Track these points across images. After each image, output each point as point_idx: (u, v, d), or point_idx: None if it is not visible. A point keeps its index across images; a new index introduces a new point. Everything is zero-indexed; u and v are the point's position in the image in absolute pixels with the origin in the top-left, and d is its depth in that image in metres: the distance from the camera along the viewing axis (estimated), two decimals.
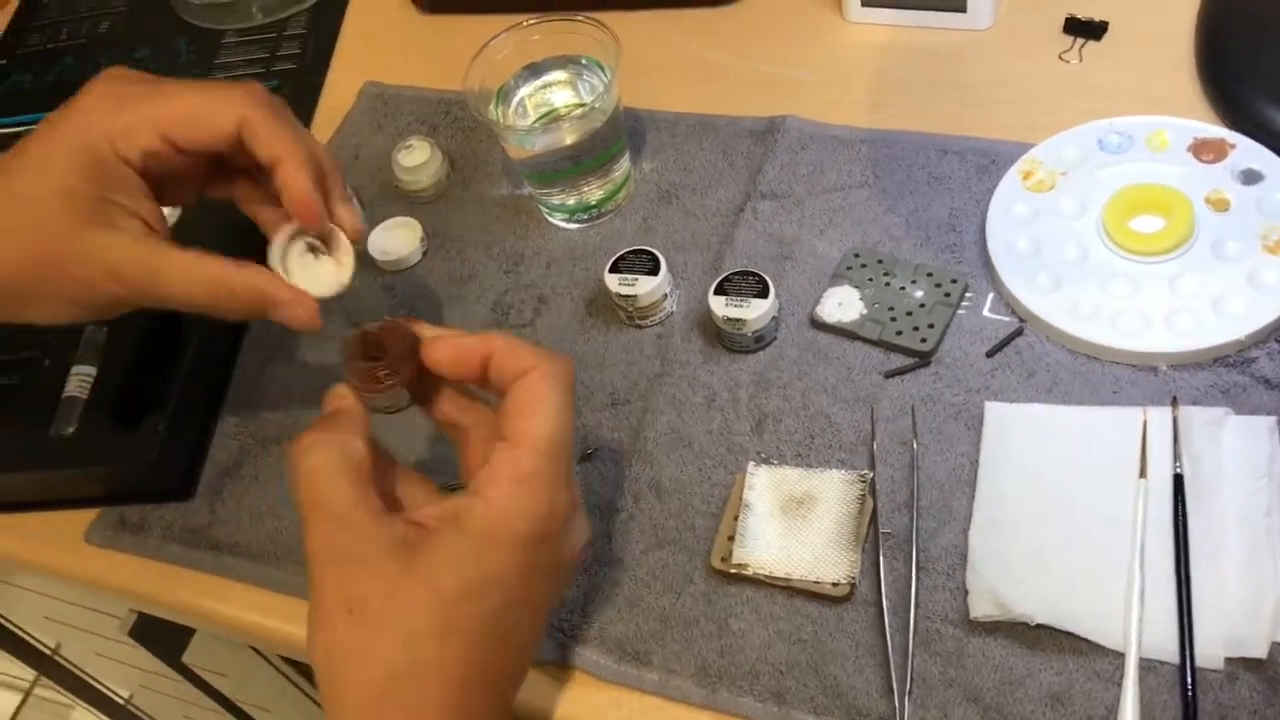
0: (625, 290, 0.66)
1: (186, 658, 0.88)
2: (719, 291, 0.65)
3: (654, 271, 0.67)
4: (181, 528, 0.68)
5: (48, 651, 1.17)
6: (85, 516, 0.70)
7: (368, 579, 0.48)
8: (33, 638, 1.15)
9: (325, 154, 0.60)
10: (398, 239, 0.76)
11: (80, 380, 0.71)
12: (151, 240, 0.57)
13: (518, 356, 0.52)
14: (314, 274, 0.59)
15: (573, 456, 0.53)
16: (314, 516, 0.50)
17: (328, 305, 0.59)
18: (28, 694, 1.37)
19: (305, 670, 0.97)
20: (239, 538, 0.67)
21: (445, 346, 0.54)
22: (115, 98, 0.57)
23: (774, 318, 0.65)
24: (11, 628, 1.12)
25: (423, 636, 0.48)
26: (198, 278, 0.56)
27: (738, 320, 0.64)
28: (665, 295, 0.68)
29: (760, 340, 0.66)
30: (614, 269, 0.67)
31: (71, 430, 0.69)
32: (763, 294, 0.64)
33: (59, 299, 0.56)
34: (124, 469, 0.68)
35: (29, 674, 1.30)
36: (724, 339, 0.66)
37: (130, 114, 0.56)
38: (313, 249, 0.60)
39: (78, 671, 1.21)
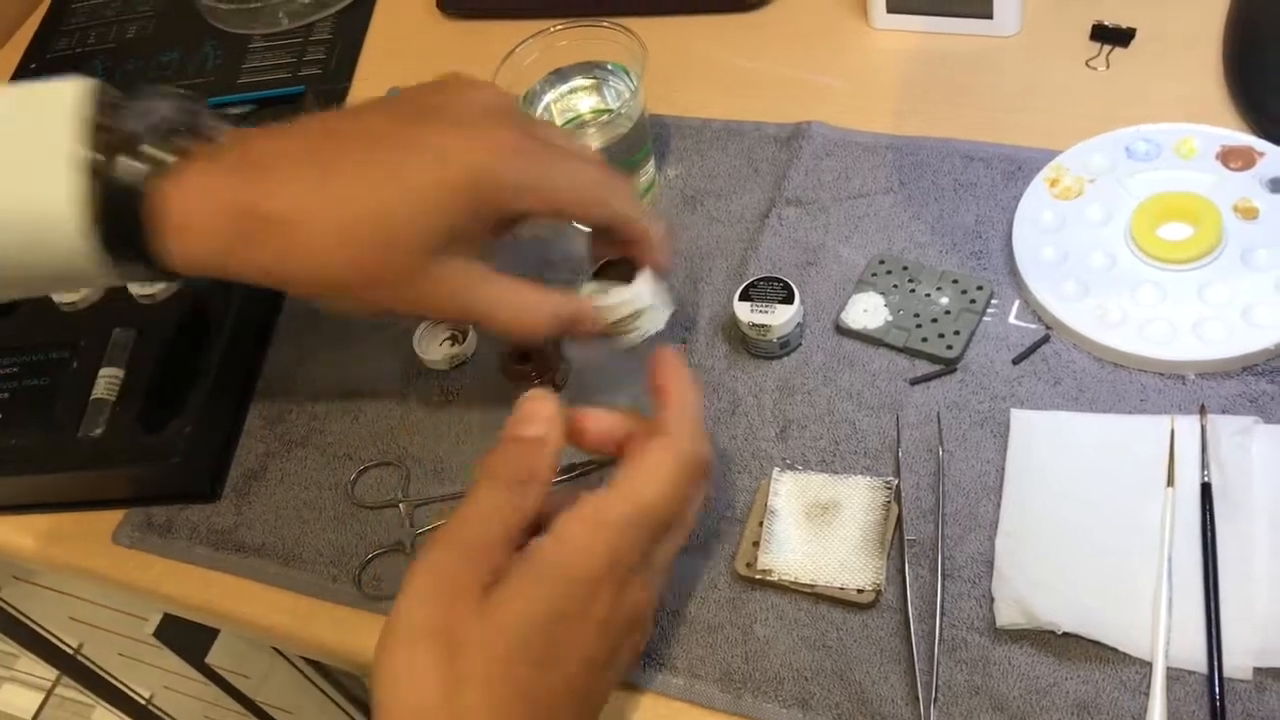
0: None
1: (210, 659, 0.89)
2: (744, 298, 0.65)
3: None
4: (208, 529, 0.69)
5: (70, 651, 1.18)
6: (113, 517, 0.71)
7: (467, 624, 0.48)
8: (56, 637, 1.16)
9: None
10: None
11: (109, 382, 0.72)
12: (487, 268, 0.57)
13: (652, 426, 0.53)
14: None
15: (670, 562, 0.54)
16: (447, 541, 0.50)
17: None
18: (49, 693, 1.38)
19: (326, 671, 0.98)
20: (265, 539, 0.67)
21: (592, 421, 0.55)
22: (518, 153, 0.55)
23: (799, 324, 0.65)
24: (35, 627, 1.13)
25: (473, 679, 0.47)
26: (524, 304, 0.57)
27: (763, 326, 0.64)
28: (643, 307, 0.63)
29: (785, 346, 0.66)
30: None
31: (99, 432, 0.70)
32: (788, 300, 0.64)
33: (382, 304, 0.56)
34: (151, 470, 0.69)
35: (51, 673, 1.31)
36: (749, 345, 0.66)
37: (533, 177, 0.55)
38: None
39: (100, 671, 1.22)
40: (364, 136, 0.54)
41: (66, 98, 0.53)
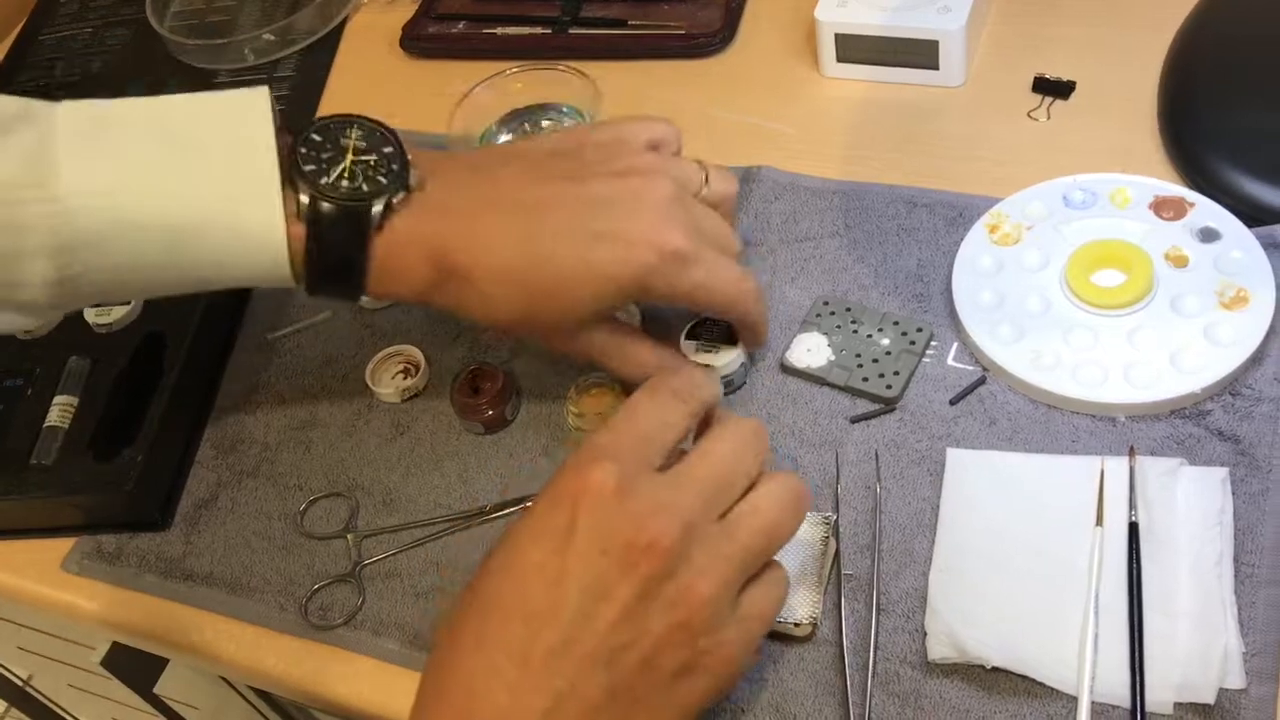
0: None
1: (158, 689, 0.89)
2: (690, 336, 0.67)
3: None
4: (157, 557, 0.69)
5: (19, 682, 1.17)
6: (63, 545, 0.71)
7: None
8: (4, 668, 1.15)
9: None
10: None
11: (62, 410, 0.72)
12: (630, 328, 0.66)
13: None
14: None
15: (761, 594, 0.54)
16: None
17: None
18: None
19: (276, 703, 0.98)
20: (214, 568, 0.68)
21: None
22: (682, 262, 0.59)
23: (743, 364, 0.67)
24: None
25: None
26: (641, 361, 0.64)
27: (708, 366, 0.66)
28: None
29: (729, 385, 0.67)
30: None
31: (51, 459, 0.70)
32: (732, 341, 0.66)
33: (546, 346, 0.66)
34: (102, 498, 0.69)
35: (0, 706, 1.30)
36: None
37: (689, 284, 0.60)
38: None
39: (49, 703, 1.21)
40: (559, 205, 0.60)
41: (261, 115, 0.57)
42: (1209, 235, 0.67)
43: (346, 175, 0.57)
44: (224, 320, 0.78)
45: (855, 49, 0.81)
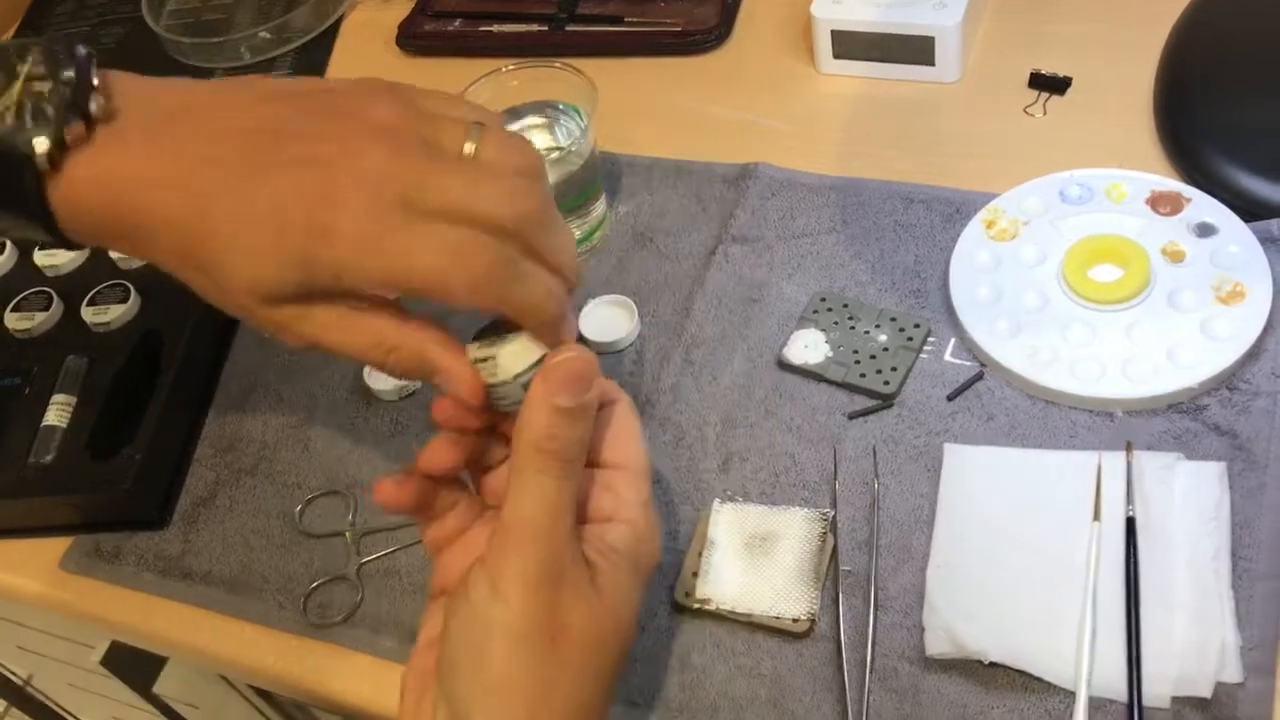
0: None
1: (157, 688, 0.89)
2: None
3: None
4: (155, 556, 0.69)
5: (19, 682, 1.17)
6: (61, 544, 0.71)
7: (574, 609, 0.48)
8: (4, 668, 1.15)
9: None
10: None
11: (60, 409, 0.72)
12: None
13: (602, 384, 0.52)
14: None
15: None
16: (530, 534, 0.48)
17: None
18: None
19: (275, 702, 0.98)
20: (212, 567, 0.68)
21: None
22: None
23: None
24: None
25: (606, 672, 0.49)
26: (360, 329, 0.51)
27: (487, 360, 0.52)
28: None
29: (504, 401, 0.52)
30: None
31: (50, 458, 0.70)
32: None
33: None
34: (100, 497, 0.69)
35: (0, 705, 1.30)
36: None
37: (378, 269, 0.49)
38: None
39: (49, 702, 1.21)
40: (246, 165, 0.49)
41: None
42: (1206, 230, 0.67)
43: (13, 110, 0.48)
44: (222, 318, 0.78)
45: (851, 45, 0.81)
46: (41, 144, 0.48)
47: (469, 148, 0.50)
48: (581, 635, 0.48)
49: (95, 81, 0.50)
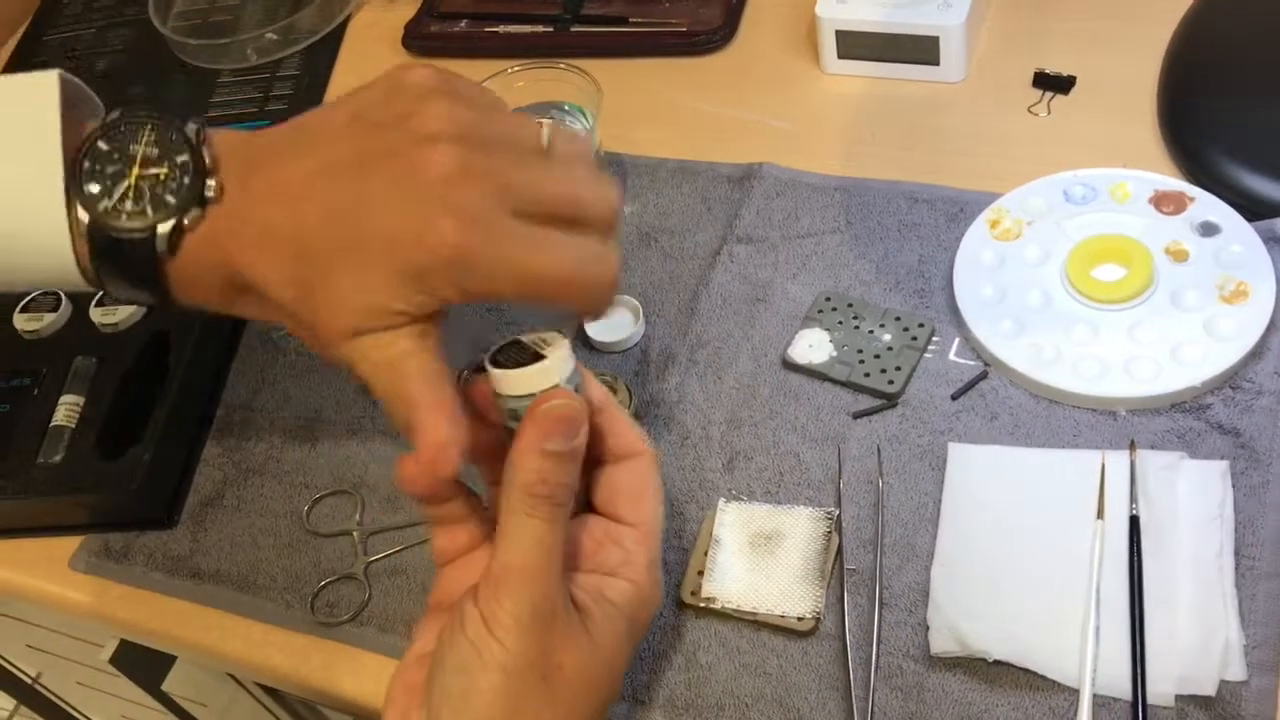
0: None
1: (166, 686, 0.89)
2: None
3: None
4: (164, 555, 0.70)
5: (28, 680, 1.18)
6: (70, 544, 0.72)
7: (566, 649, 0.49)
8: (13, 666, 1.16)
9: None
10: None
11: (69, 410, 0.73)
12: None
13: (628, 435, 0.53)
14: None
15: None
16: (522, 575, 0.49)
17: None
18: None
19: (285, 701, 0.98)
20: (220, 566, 0.68)
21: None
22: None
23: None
24: None
25: (597, 713, 0.50)
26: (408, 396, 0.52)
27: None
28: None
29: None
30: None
31: (59, 458, 0.71)
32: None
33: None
34: (109, 497, 0.70)
35: (10, 703, 1.31)
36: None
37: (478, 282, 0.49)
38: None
39: (57, 700, 1.21)
40: (335, 197, 0.49)
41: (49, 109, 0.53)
42: (1209, 229, 0.67)
43: (131, 195, 0.50)
44: (229, 319, 0.78)
45: (856, 45, 0.81)
46: (163, 228, 0.50)
47: (545, 141, 0.50)
48: (576, 675, 0.48)
49: (208, 161, 0.50)
